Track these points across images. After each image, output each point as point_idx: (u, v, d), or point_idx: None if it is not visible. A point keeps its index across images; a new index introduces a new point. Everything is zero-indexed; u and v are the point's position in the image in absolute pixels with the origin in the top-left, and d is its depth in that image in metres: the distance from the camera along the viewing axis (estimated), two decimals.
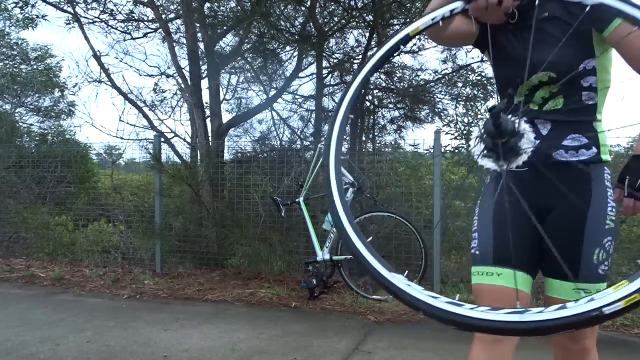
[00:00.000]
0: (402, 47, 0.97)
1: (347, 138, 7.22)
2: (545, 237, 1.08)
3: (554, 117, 1.24)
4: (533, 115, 1.24)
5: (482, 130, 0.88)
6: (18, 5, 6.78)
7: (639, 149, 1.13)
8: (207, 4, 6.04)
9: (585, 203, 1.23)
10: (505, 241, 1.23)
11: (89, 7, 6.61)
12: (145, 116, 6.77)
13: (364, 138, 7.34)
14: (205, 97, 5.90)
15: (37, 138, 9.24)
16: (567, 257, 1.21)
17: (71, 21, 6.51)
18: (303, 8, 6.15)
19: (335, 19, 6.67)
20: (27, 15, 7.03)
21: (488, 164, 0.90)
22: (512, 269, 1.22)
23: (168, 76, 7.24)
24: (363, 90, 7.02)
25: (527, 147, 0.89)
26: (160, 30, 6.61)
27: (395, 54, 0.98)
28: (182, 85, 6.14)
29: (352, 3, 6.30)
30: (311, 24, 6.36)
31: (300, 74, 6.86)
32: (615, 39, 1.15)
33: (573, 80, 1.18)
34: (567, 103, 1.23)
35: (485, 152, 0.89)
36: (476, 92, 6.56)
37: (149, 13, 6.84)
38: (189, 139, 6.29)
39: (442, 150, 4.33)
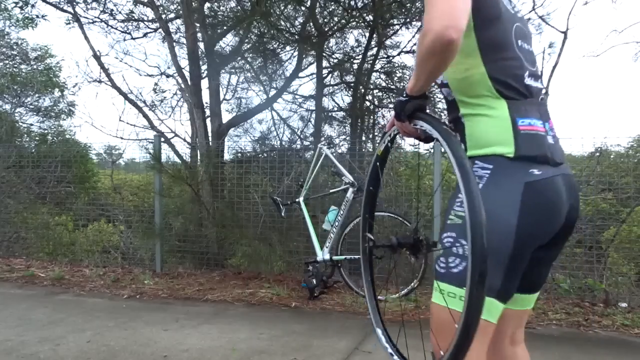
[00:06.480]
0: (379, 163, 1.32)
1: (347, 138, 7.23)
2: None
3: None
4: None
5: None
6: (18, 5, 6.79)
7: (410, 89, 1.07)
8: (207, 4, 6.04)
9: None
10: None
11: (89, 7, 6.62)
12: (145, 116, 6.78)
13: (364, 138, 7.34)
14: (205, 97, 5.90)
15: (37, 138, 9.25)
16: None
17: (71, 21, 6.52)
18: (303, 8, 6.16)
19: (335, 19, 6.67)
20: (27, 15, 7.05)
21: None
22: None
23: (168, 76, 7.26)
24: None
25: None
26: (160, 30, 6.62)
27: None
28: (182, 85, 6.14)
29: (352, 3, 6.30)
30: (311, 24, 6.36)
31: (300, 74, 6.86)
32: None
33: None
34: (446, 103, 1.23)
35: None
36: None
37: (149, 13, 6.86)
38: (189, 139, 6.29)
39: (443, 150, 4.31)
